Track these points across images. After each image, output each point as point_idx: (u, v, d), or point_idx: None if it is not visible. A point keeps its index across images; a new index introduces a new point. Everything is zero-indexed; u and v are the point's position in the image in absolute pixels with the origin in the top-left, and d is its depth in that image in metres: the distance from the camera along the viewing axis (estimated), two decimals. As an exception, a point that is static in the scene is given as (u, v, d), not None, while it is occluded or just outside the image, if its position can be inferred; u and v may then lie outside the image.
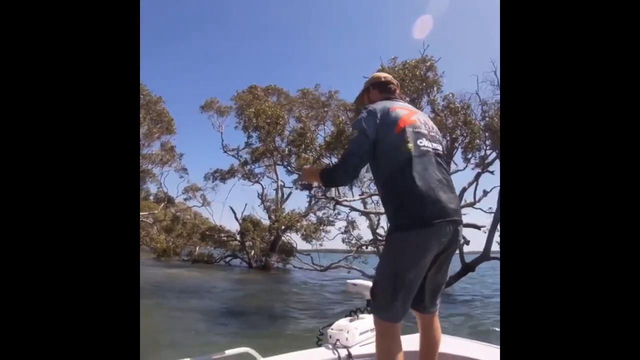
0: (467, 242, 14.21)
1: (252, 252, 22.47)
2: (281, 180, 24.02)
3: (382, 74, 2.02)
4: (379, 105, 1.74)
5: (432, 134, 1.74)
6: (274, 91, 22.25)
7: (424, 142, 1.66)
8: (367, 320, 2.12)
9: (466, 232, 14.30)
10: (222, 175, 24.22)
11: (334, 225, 19.22)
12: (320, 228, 18.64)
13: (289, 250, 22.68)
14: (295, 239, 21.76)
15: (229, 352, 1.71)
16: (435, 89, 13.74)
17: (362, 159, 1.67)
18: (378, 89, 1.97)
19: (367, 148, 1.65)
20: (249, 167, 22.85)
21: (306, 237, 18.43)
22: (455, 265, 13.52)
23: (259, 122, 14.37)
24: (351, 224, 19.08)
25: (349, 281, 2.35)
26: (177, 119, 24.20)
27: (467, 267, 13.16)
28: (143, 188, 27.22)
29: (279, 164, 20.57)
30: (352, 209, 16.51)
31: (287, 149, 17.50)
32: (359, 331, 2.05)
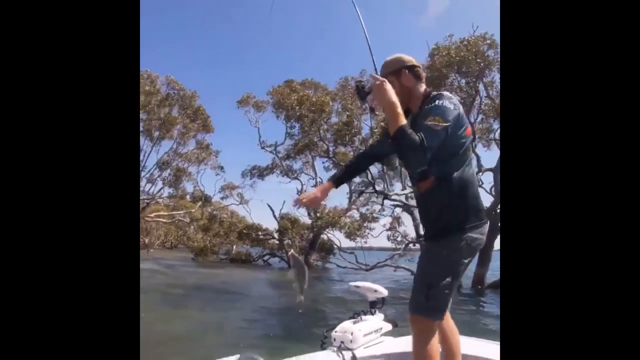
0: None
1: (291, 250, 21.71)
2: (319, 177, 23.22)
3: (410, 57, 1.78)
4: (456, 100, 1.61)
5: None
6: (311, 85, 21.44)
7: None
8: (370, 322, 2.16)
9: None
10: (260, 172, 23.56)
11: (378, 221, 18.21)
12: (364, 225, 17.67)
13: (329, 248, 21.84)
14: (338, 236, 20.94)
15: (235, 358, 1.73)
16: (495, 70, 12.55)
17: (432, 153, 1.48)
18: (414, 74, 1.74)
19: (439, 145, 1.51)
20: (288, 162, 22.10)
21: (349, 235, 17.51)
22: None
23: (302, 111, 13.56)
24: (396, 220, 18.02)
25: (351, 283, 2.36)
26: (211, 115, 23.86)
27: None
28: (179, 187, 27.05)
29: (321, 157, 19.70)
30: (403, 203, 15.52)
31: (329, 141, 16.64)
32: (363, 333, 2.05)
